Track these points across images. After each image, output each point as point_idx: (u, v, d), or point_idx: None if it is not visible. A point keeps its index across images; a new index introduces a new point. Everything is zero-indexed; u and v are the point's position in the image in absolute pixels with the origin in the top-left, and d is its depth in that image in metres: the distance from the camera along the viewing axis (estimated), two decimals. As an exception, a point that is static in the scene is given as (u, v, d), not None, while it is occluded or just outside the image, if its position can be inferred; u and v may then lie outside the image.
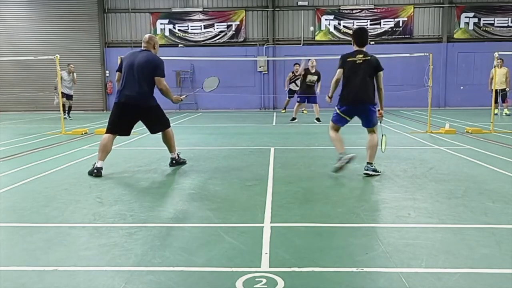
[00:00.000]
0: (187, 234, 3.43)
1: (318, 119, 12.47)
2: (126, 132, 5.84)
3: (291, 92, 15.62)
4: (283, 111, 16.54)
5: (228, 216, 3.81)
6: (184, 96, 6.26)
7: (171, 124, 6.03)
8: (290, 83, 15.71)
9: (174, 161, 6.08)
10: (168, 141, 6.01)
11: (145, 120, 5.78)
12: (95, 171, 5.46)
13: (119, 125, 5.71)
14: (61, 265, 2.78)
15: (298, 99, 12.79)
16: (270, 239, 3.21)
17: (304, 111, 15.69)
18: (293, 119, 12.76)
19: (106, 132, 5.72)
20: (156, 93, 5.74)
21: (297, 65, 15.27)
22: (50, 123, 13.18)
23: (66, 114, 14.53)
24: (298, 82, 15.29)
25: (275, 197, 4.40)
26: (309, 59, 12.45)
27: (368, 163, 5.41)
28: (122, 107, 5.63)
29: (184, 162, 6.19)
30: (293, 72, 15.64)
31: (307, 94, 12.46)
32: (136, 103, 5.58)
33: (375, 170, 5.41)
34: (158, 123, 5.85)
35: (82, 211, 4.00)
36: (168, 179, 5.45)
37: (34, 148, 7.93)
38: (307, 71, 12.37)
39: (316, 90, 12.43)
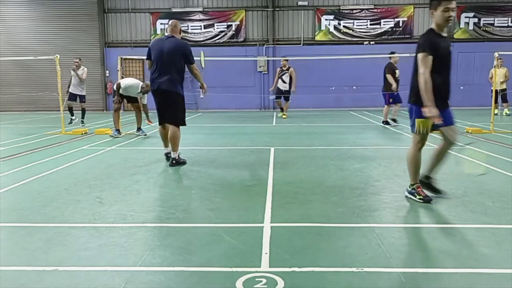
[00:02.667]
0: (187, 234, 3.42)
1: (395, 120, 11.33)
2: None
3: (279, 91, 14.33)
4: (284, 115, 14.57)
5: (228, 216, 3.81)
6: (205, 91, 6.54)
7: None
8: (278, 78, 14.33)
9: (174, 161, 6.08)
10: (173, 139, 6.05)
11: (165, 103, 6.02)
12: (173, 161, 6.01)
13: (163, 113, 6.14)
14: (61, 265, 2.78)
15: (396, 100, 11.33)
16: (270, 239, 3.21)
17: (284, 116, 14.39)
18: (394, 120, 11.38)
19: (159, 124, 6.28)
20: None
21: (285, 60, 14.29)
22: (50, 123, 13.18)
23: (81, 118, 12.80)
24: (286, 78, 14.13)
25: (275, 197, 4.40)
26: (390, 57, 11.61)
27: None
28: (157, 95, 6.01)
29: (184, 162, 6.20)
30: (281, 68, 14.42)
31: (397, 91, 11.23)
32: (167, 88, 5.90)
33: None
34: (174, 112, 6.05)
35: (82, 211, 4.00)
36: (168, 179, 5.45)
37: (34, 148, 7.92)
38: (393, 66, 11.30)
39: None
